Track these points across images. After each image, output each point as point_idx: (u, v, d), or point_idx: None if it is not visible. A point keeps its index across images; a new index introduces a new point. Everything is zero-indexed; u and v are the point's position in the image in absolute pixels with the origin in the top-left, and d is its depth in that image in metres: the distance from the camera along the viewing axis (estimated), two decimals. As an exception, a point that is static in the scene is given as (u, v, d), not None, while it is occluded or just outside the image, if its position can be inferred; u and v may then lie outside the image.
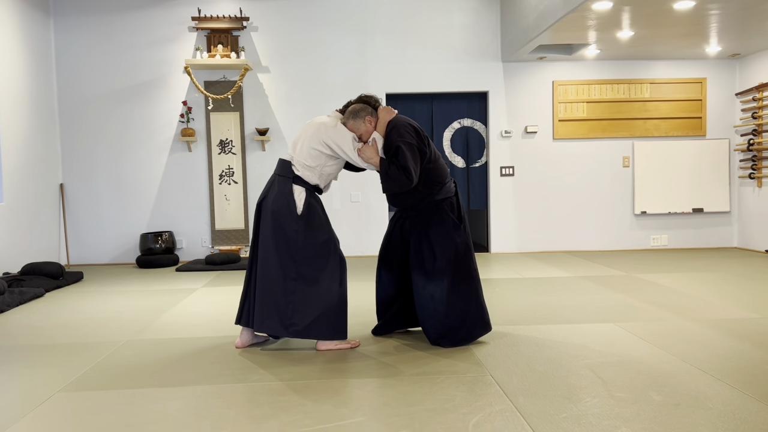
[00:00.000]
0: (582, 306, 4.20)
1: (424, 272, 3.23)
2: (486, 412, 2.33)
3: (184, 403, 2.50)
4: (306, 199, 3.18)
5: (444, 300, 3.18)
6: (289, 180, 3.20)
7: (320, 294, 3.14)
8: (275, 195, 3.20)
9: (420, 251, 3.26)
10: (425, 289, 3.23)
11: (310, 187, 3.23)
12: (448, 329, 3.21)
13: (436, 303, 3.20)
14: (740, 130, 7.28)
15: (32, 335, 3.71)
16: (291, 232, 3.15)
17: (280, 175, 3.24)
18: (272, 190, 3.24)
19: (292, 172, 3.21)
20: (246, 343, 3.33)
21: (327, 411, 2.37)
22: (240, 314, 3.33)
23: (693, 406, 2.35)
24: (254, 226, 3.30)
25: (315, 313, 3.11)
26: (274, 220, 3.17)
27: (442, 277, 3.19)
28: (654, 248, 7.36)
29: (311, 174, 3.21)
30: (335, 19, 7.08)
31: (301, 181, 3.20)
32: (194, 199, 7.07)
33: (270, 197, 3.23)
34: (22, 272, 5.49)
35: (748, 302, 4.23)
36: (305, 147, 3.20)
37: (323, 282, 3.16)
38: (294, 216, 3.15)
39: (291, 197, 3.16)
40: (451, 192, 3.34)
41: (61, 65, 6.94)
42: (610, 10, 5.16)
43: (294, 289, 3.13)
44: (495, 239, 7.30)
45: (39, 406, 2.51)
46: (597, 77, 7.24)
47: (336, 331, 3.16)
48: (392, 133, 3.18)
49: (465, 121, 7.31)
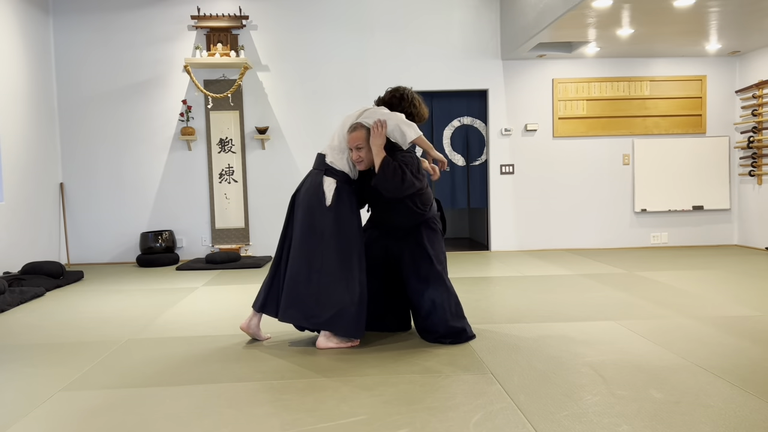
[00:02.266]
0: (582, 304, 4.20)
1: (421, 278, 3.25)
2: (487, 410, 2.33)
3: (185, 402, 2.51)
4: (336, 191, 3.18)
5: (444, 304, 3.23)
6: (321, 172, 3.23)
7: (342, 288, 3.12)
8: (306, 187, 3.25)
9: (415, 259, 3.29)
10: (424, 296, 3.25)
11: (342, 179, 3.22)
12: (451, 329, 3.25)
13: (438, 307, 3.23)
14: (740, 127, 7.27)
15: (33, 334, 3.71)
16: (319, 224, 3.16)
17: (315, 168, 3.29)
18: (305, 183, 3.29)
19: (325, 165, 3.23)
20: (251, 328, 3.33)
21: (328, 409, 2.37)
22: (260, 300, 3.32)
23: (694, 403, 2.35)
24: (287, 217, 3.34)
25: (336, 308, 3.10)
26: (304, 212, 3.20)
27: (439, 280, 3.25)
28: (654, 246, 7.36)
29: (341, 158, 3.22)
30: (335, 17, 7.07)
31: (332, 172, 3.21)
32: (194, 198, 7.07)
33: (302, 189, 3.28)
34: (23, 271, 5.50)
35: (748, 300, 4.23)
36: (340, 133, 3.25)
37: (347, 277, 3.14)
38: (323, 208, 3.17)
39: (321, 189, 3.18)
40: (436, 211, 3.43)
41: (61, 64, 6.93)
42: (610, 8, 5.16)
43: (318, 281, 3.13)
44: (495, 237, 7.30)
45: (40, 405, 2.51)
46: (597, 75, 7.23)
47: (354, 329, 3.14)
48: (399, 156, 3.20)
49: (465, 119, 7.31)
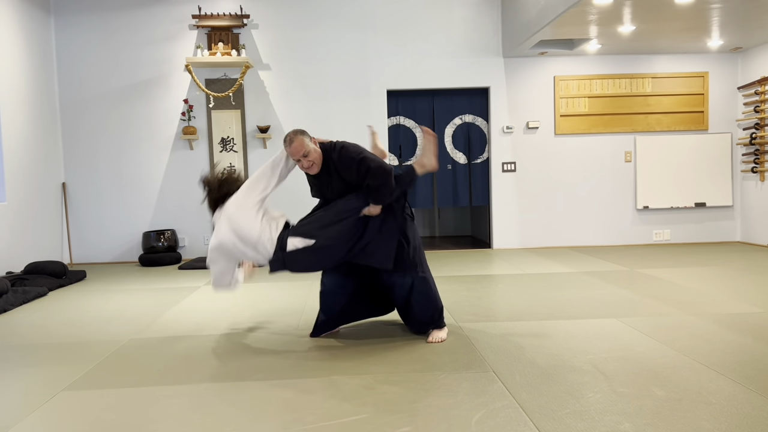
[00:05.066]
0: (584, 301, 4.20)
1: (399, 266, 3.23)
2: (489, 408, 2.33)
3: (187, 401, 2.51)
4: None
5: (425, 291, 3.29)
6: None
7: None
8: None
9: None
10: (402, 288, 3.28)
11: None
12: (432, 315, 3.33)
13: (419, 295, 3.28)
14: (742, 124, 7.25)
15: (36, 334, 3.73)
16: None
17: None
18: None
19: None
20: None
21: (330, 408, 2.37)
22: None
23: (695, 401, 2.35)
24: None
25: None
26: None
27: (415, 268, 3.27)
28: (656, 243, 7.34)
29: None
30: (336, 15, 7.07)
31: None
32: (196, 197, 7.05)
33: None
34: (25, 271, 5.51)
35: (750, 297, 4.22)
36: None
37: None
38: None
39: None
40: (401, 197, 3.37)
41: (62, 63, 6.94)
42: (612, 5, 5.15)
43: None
44: (497, 235, 7.30)
45: (43, 404, 2.52)
46: (598, 72, 7.22)
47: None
48: (345, 151, 3.17)
49: (466, 117, 7.30)
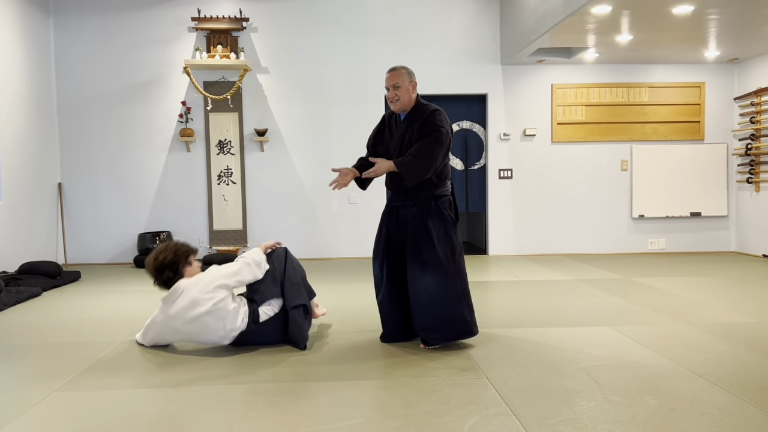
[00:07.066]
0: (579, 309, 4.20)
1: (421, 263, 3.18)
2: (482, 414, 2.33)
3: (180, 403, 2.50)
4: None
5: (439, 293, 3.14)
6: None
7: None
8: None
9: (417, 242, 3.21)
10: (420, 280, 3.17)
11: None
12: (438, 323, 3.16)
13: (431, 296, 3.15)
14: (738, 134, 7.29)
15: (29, 335, 3.71)
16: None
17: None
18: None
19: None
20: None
21: (323, 412, 2.37)
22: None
23: (688, 410, 2.36)
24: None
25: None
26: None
27: (439, 270, 3.15)
28: (651, 252, 7.36)
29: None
30: (335, 20, 7.09)
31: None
32: (192, 200, 7.07)
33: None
34: (20, 271, 5.49)
35: (744, 307, 4.24)
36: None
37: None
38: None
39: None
40: (449, 190, 3.35)
41: (61, 64, 6.93)
42: (610, 14, 5.18)
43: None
44: (493, 242, 7.31)
45: (35, 405, 2.50)
46: (596, 81, 7.25)
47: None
48: (437, 113, 3.28)
49: (464, 123, 7.32)
